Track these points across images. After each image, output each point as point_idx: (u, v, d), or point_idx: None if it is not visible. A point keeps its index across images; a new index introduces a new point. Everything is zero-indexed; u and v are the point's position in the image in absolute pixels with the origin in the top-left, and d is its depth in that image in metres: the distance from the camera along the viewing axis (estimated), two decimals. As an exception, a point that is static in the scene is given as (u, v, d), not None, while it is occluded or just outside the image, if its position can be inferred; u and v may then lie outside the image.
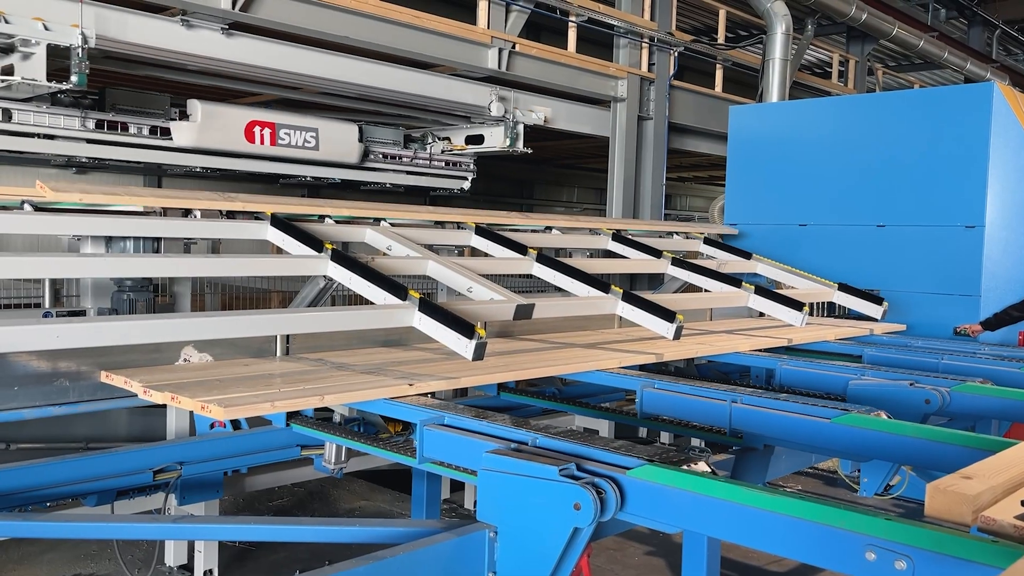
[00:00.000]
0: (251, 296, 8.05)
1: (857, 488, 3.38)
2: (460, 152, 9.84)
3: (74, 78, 5.49)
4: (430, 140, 9.88)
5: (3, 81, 5.52)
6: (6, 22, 5.24)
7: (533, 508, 2.27)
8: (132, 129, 7.27)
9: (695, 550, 3.49)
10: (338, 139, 8.62)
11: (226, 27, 6.35)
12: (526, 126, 8.79)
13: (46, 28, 5.38)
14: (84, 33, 5.51)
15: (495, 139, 8.92)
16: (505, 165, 13.49)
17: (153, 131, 7.38)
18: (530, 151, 9.15)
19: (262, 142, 7.94)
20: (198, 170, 8.16)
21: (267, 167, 8.29)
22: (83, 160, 7.38)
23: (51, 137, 6.91)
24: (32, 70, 5.42)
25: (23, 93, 5.86)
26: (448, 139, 9.48)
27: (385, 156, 9.35)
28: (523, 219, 5.78)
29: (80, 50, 5.48)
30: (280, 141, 8.09)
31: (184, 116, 7.60)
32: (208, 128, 7.57)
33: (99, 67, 6.53)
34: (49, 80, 5.46)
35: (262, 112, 8.06)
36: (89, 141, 7.11)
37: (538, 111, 8.87)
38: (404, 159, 9.51)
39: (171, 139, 7.47)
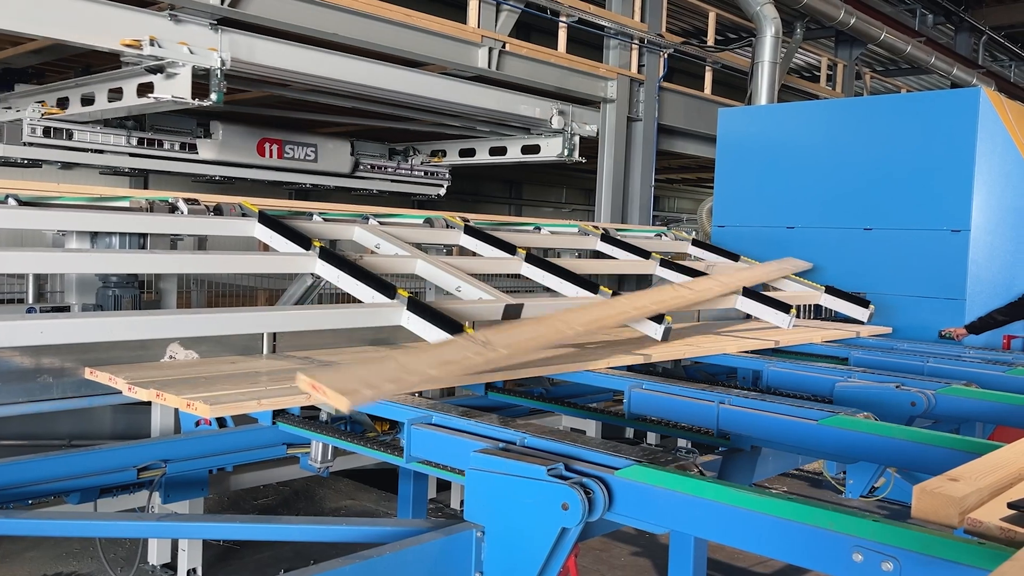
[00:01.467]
0: (237, 293, 8.04)
1: (843, 490, 3.40)
2: (437, 164, 11.39)
3: (213, 95, 6.17)
4: (411, 153, 11.36)
5: (151, 98, 6.22)
6: (160, 47, 5.92)
7: (521, 508, 2.26)
8: (166, 145, 8.72)
9: (681, 551, 3.49)
10: (334, 153, 10.22)
11: (214, 22, 6.31)
12: (581, 137, 9.53)
13: (191, 52, 6.08)
14: (222, 56, 6.22)
15: (551, 149, 9.67)
16: (495, 165, 13.49)
17: (183, 147, 8.86)
18: (584, 160, 9.73)
19: (271, 155, 9.53)
20: (217, 178, 9.58)
21: (275, 176, 9.80)
22: (126, 170, 8.91)
23: (100, 151, 8.25)
24: (178, 89, 6.10)
25: (164, 108, 6.58)
26: (504, 148, 10.37)
27: (373, 167, 10.84)
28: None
29: (218, 71, 6.21)
30: (286, 155, 9.68)
31: (208, 134, 9.08)
32: (227, 144, 9.10)
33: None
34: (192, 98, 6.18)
35: (271, 131, 9.56)
36: (131, 155, 8.52)
37: (591, 124, 9.62)
38: (389, 169, 11.01)
39: (197, 153, 8.97)
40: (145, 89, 6.37)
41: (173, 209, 4.03)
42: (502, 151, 10.46)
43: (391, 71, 7.56)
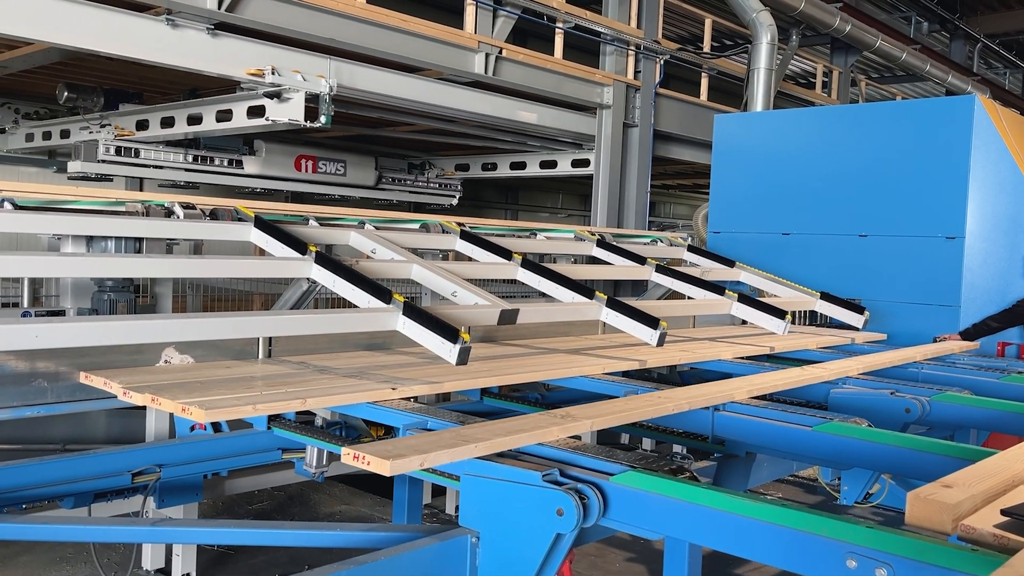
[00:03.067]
0: (233, 298, 8.06)
1: (837, 496, 3.40)
2: (449, 176, 12.75)
3: (322, 118, 6.73)
4: (427, 167, 12.68)
5: (267, 120, 6.82)
6: (279, 75, 6.56)
7: (515, 513, 2.26)
8: (217, 161, 9.83)
9: (676, 557, 3.49)
10: (360, 168, 11.55)
11: (211, 27, 6.32)
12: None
13: (304, 79, 6.70)
14: (330, 83, 6.81)
15: None
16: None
17: (231, 163, 10.02)
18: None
19: (306, 170, 10.80)
20: (259, 190, 10.89)
21: (310, 188, 11.14)
22: (182, 183, 9.92)
23: (159, 167, 9.36)
24: (292, 112, 6.73)
25: (277, 128, 7.16)
26: (555, 162, 11.13)
27: (393, 180, 12.10)
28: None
29: (327, 96, 6.77)
30: (319, 170, 10.94)
31: (252, 151, 10.19)
32: (269, 160, 10.30)
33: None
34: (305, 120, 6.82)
35: (306, 148, 10.86)
36: (186, 170, 9.62)
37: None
38: (407, 181, 12.31)
39: (243, 168, 10.12)
40: (255, 112, 7.02)
41: (169, 213, 4.03)
42: (552, 164, 11.14)
43: (397, 78, 7.78)
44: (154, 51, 6.11)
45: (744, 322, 5.68)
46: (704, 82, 11.35)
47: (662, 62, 10.19)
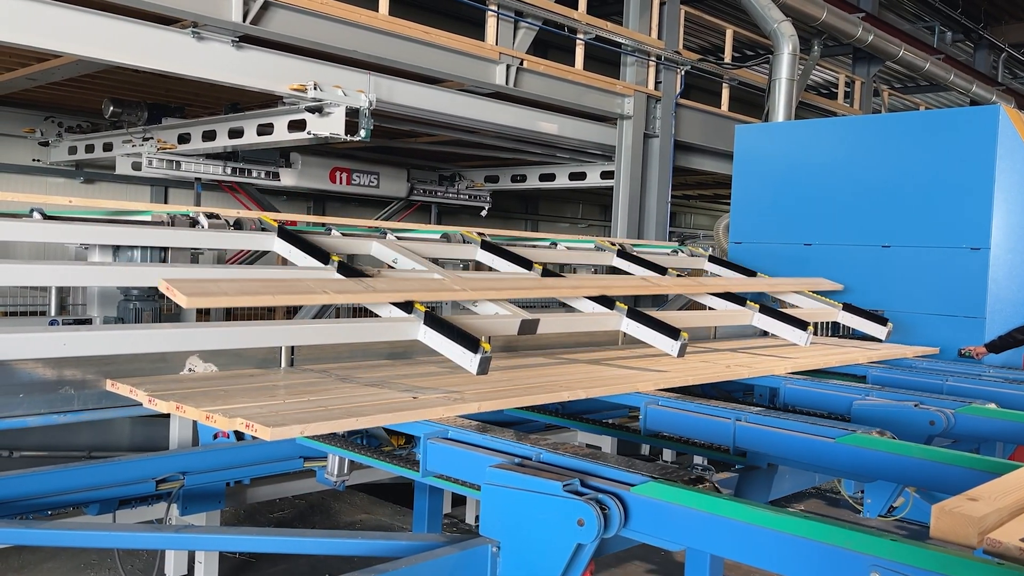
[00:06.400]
0: (256, 307, 8.12)
1: (860, 509, 3.37)
2: (479, 188, 12.95)
3: (363, 132, 6.90)
4: (457, 179, 12.84)
5: (309, 134, 6.98)
6: (321, 90, 6.72)
7: (536, 523, 2.26)
8: (255, 173, 10.05)
9: (697, 568, 3.47)
10: (392, 179, 11.86)
11: (236, 39, 6.40)
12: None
13: (344, 94, 6.85)
14: (369, 98, 6.96)
15: None
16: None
17: (268, 175, 10.25)
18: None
19: (341, 182, 11.04)
20: None
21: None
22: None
23: (199, 179, 9.74)
24: (332, 126, 6.89)
25: (317, 142, 7.38)
26: (584, 173, 11.44)
27: (425, 191, 12.33)
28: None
29: (367, 110, 6.91)
30: (354, 182, 11.21)
31: (288, 164, 10.43)
32: (305, 173, 10.56)
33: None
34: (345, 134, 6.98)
35: (341, 160, 11.07)
36: (225, 182, 10.01)
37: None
38: (438, 193, 12.54)
39: (279, 180, 10.38)
40: (295, 126, 7.18)
41: (194, 223, 4.08)
42: (581, 176, 11.46)
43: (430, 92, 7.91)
44: (181, 64, 6.21)
45: (765, 333, 5.65)
46: (725, 92, 11.33)
47: (683, 73, 10.18)
